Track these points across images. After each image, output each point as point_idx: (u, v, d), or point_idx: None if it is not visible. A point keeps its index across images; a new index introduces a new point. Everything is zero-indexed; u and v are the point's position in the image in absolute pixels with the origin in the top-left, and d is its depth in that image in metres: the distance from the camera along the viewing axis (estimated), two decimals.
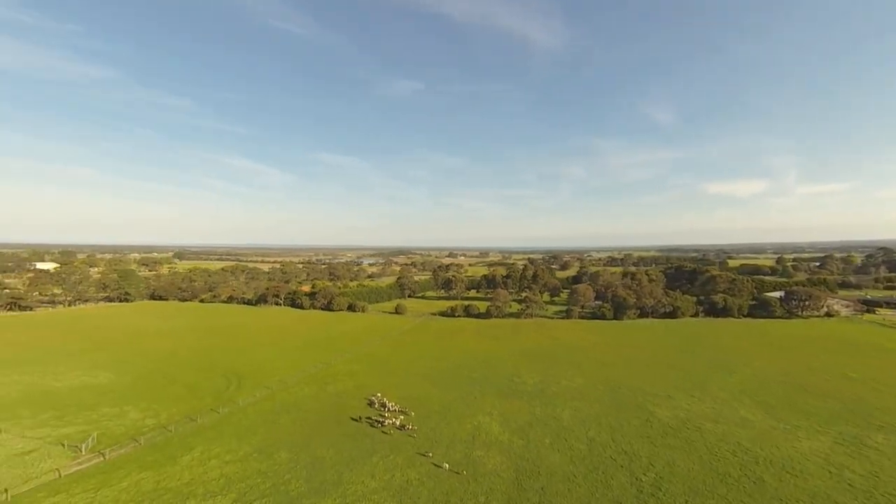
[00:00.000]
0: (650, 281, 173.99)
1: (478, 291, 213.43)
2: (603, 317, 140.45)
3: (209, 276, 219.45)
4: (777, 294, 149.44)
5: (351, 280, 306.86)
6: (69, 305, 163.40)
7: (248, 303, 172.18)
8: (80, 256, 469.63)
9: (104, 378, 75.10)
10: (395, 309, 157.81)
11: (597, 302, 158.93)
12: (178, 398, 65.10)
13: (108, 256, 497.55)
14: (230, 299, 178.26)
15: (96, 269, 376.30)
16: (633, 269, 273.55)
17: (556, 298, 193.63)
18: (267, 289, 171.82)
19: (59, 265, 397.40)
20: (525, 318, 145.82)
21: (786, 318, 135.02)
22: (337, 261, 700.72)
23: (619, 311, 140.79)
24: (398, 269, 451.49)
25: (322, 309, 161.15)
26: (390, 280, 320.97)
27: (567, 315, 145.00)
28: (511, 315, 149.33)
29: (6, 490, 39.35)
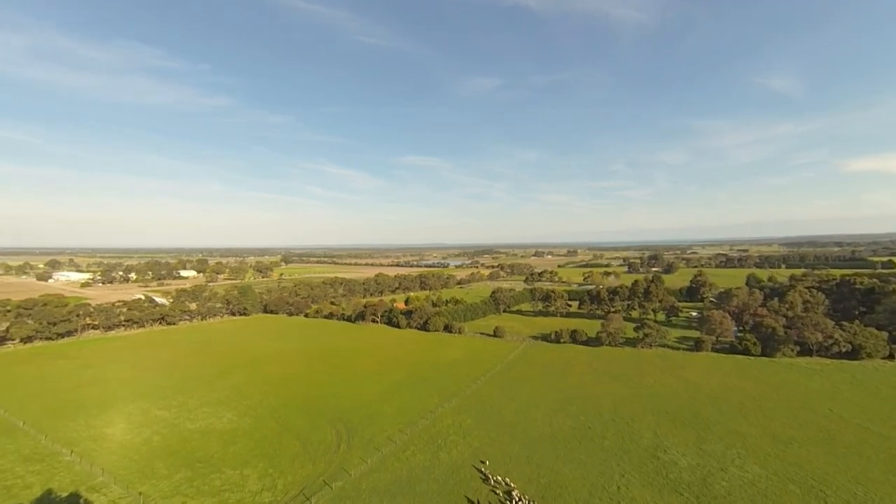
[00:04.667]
0: (805, 303, 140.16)
1: (580, 306, 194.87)
2: (746, 352, 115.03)
3: (311, 289, 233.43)
4: None
5: (442, 286, 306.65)
6: (202, 319, 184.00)
7: (348, 319, 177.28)
8: (211, 263, 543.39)
9: (227, 420, 77.57)
10: (494, 332, 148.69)
11: (735, 328, 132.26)
12: (292, 457, 63.27)
13: (232, 263, 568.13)
14: (331, 315, 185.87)
15: (223, 275, 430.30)
16: (772, 282, 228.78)
17: (673, 319, 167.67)
18: (365, 306, 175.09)
19: (196, 272, 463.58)
20: (643, 347, 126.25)
21: None
22: (424, 262, 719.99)
23: (768, 346, 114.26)
24: (486, 272, 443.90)
25: (418, 329, 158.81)
26: (481, 288, 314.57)
27: (696, 347, 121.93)
28: (627, 342, 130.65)
29: None
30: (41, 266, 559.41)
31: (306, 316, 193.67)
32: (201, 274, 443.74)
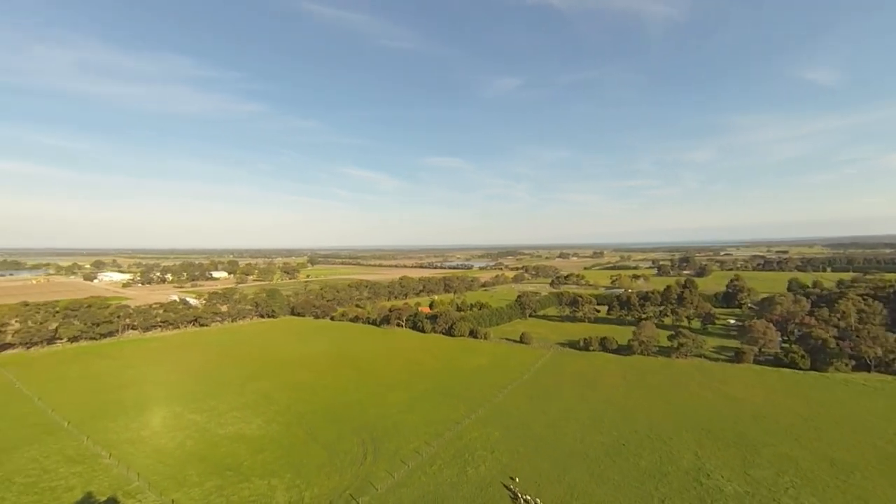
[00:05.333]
0: (860, 312, 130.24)
1: (609, 312, 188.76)
2: (793, 365, 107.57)
3: (337, 292, 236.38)
4: None
5: (466, 289, 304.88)
6: (232, 321, 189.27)
7: (373, 323, 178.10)
8: (241, 264, 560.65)
9: (256, 426, 78.42)
10: (521, 338, 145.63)
11: (780, 339, 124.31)
12: (318, 467, 63.01)
13: (260, 264, 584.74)
14: (356, 319, 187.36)
15: (252, 277, 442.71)
16: (818, 287, 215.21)
17: (709, 326, 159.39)
18: (390, 310, 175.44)
19: (227, 274, 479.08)
20: (678, 357, 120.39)
21: None
22: (448, 264, 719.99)
23: (817, 359, 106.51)
24: (510, 274, 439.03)
25: (443, 333, 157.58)
26: (506, 291, 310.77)
27: (736, 358, 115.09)
28: (660, 351, 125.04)
29: None
30: (87, 266, 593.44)
31: (332, 319, 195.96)
32: (232, 275, 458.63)
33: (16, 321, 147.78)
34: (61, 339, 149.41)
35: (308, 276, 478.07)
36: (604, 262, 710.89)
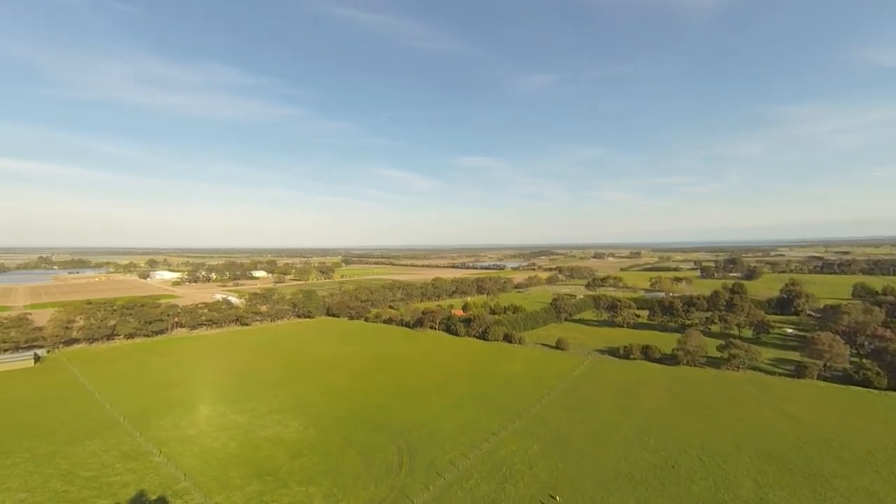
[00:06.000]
0: None
1: (651, 317, 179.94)
2: (866, 383, 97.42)
3: (371, 293, 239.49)
4: None
5: (499, 290, 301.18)
6: (271, 321, 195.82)
7: (407, 325, 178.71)
8: (279, 264, 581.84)
9: (294, 429, 79.72)
10: (557, 343, 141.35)
11: (849, 353, 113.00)
12: (355, 476, 62.88)
13: (297, 264, 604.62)
14: (390, 321, 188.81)
15: (289, 276, 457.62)
16: (891, 294, 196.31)
17: (762, 336, 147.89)
18: (423, 313, 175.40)
19: (266, 273, 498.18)
20: (729, 369, 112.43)
21: None
22: (480, 264, 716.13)
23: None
24: (544, 275, 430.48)
25: (477, 337, 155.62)
26: (540, 293, 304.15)
27: (798, 373, 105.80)
28: (709, 362, 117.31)
29: None
30: (142, 265, 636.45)
31: (366, 320, 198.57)
32: (271, 275, 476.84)
33: (80, 318, 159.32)
34: (119, 335, 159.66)
35: (343, 276, 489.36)
36: (641, 263, 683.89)
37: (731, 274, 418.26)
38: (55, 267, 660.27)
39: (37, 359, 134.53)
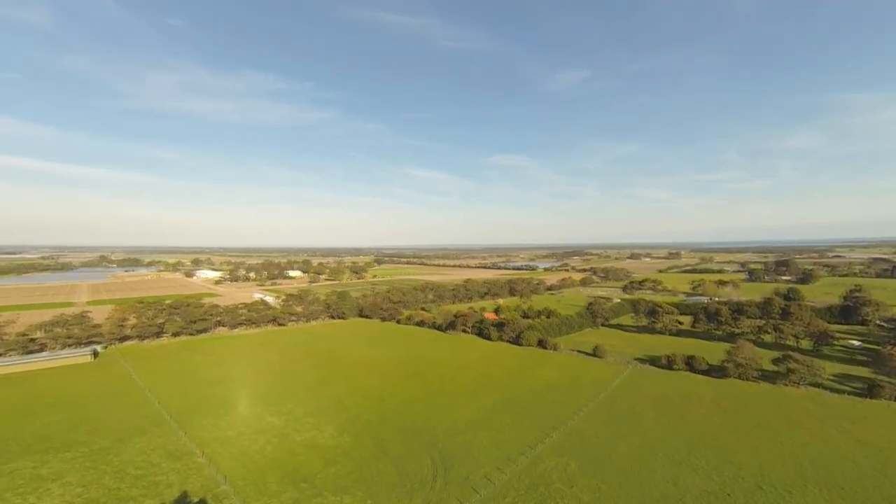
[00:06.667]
0: None
1: (694, 324, 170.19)
2: None
3: (403, 294, 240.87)
4: None
5: (531, 292, 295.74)
6: (306, 321, 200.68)
7: (438, 328, 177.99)
8: (314, 263, 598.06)
9: (329, 434, 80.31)
10: (594, 351, 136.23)
11: None
12: (389, 487, 62.20)
13: (331, 263, 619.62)
14: (421, 323, 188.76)
15: (323, 276, 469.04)
16: None
17: (823, 348, 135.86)
18: (455, 315, 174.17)
19: (301, 273, 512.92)
20: (786, 385, 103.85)
21: None
22: (512, 264, 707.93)
23: None
24: (577, 277, 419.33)
25: (510, 342, 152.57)
26: (573, 296, 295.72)
27: (870, 392, 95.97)
28: (762, 376, 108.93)
29: None
30: (188, 263, 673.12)
31: (398, 322, 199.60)
32: (305, 274, 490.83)
33: (133, 317, 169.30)
34: (166, 333, 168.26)
35: (374, 276, 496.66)
36: (681, 265, 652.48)
37: (783, 278, 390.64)
38: (113, 265, 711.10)
39: (95, 354, 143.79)
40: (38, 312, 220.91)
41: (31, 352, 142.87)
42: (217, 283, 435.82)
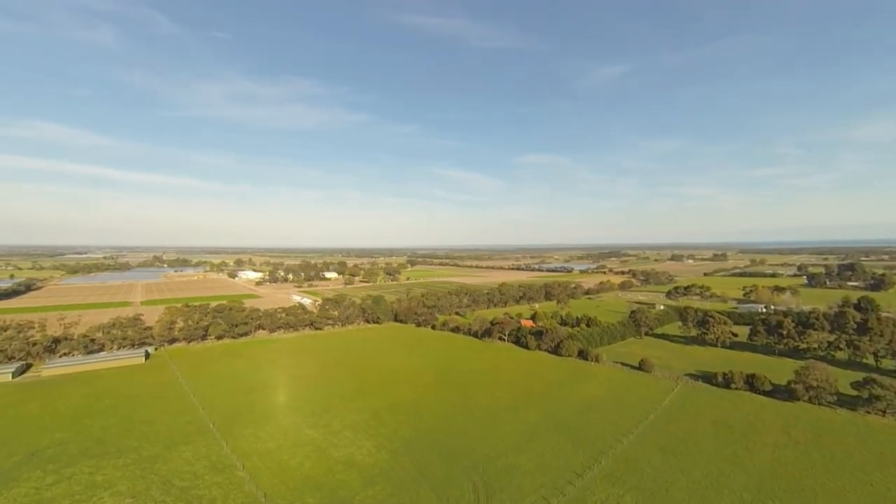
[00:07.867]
0: None
1: (751, 337, 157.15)
2: None
3: (438, 298, 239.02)
4: None
5: (568, 297, 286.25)
6: (342, 326, 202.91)
7: (474, 335, 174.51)
8: (349, 265, 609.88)
9: (366, 451, 78.84)
10: (640, 364, 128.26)
11: None
12: None
13: (365, 265, 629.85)
14: (457, 329, 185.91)
15: (358, 277, 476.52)
16: None
17: None
18: (492, 323, 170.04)
19: (337, 274, 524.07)
20: (869, 413, 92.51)
21: None
22: (546, 266, 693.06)
23: None
24: (616, 280, 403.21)
25: (549, 352, 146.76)
26: (613, 301, 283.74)
27: None
28: (839, 401, 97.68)
29: None
30: (231, 264, 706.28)
31: (433, 328, 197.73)
32: (341, 276, 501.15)
33: (180, 320, 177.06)
34: (210, 336, 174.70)
35: (408, 278, 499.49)
36: (728, 267, 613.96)
37: (850, 283, 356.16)
38: (165, 265, 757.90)
39: (147, 356, 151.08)
40: (98, 313, 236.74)
41: (92, 352, 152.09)
42: (258, 284, 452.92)
